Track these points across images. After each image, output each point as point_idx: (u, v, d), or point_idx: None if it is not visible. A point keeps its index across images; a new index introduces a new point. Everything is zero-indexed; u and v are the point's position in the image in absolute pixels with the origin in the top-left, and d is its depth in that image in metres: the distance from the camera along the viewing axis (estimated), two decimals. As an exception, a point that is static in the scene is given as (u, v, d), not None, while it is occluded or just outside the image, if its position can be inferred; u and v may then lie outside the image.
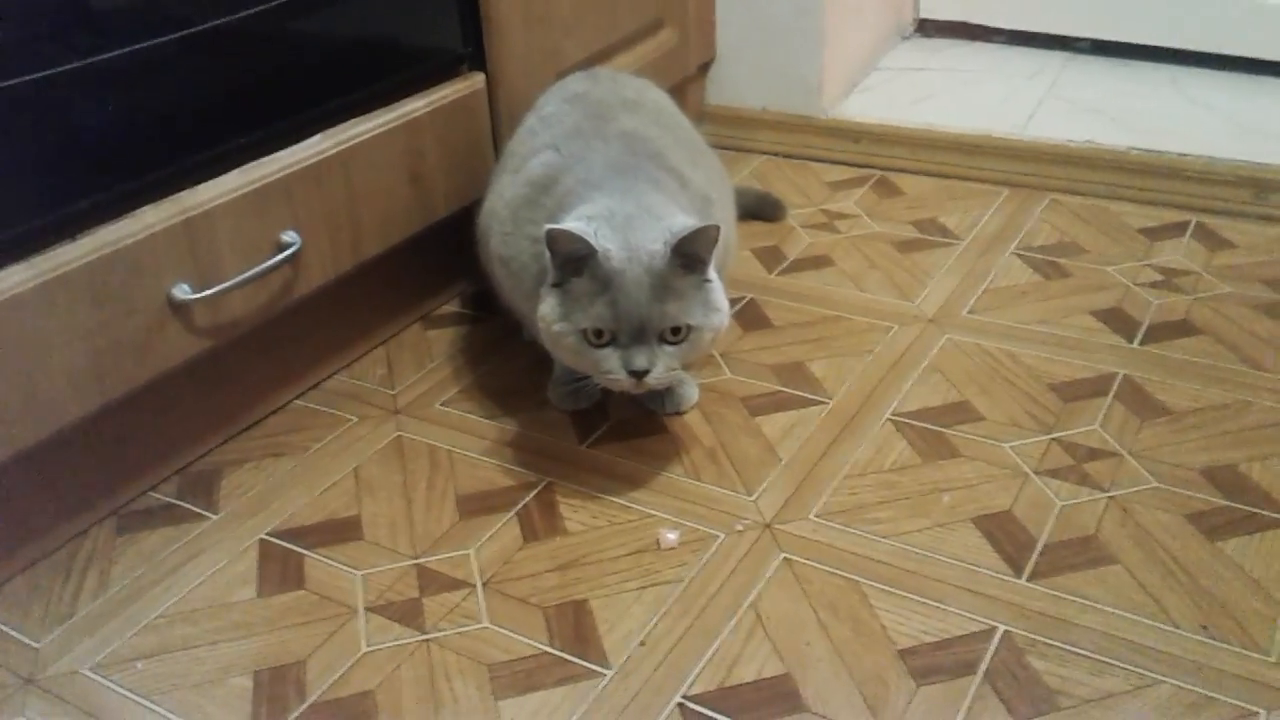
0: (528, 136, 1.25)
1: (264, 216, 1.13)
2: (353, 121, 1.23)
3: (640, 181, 1.12)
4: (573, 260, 1.03)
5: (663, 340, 1.04)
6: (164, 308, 1.05)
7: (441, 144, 1.32)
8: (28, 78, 0.93)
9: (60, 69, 0.95)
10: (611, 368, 1.04)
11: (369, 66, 1.25)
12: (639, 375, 1.03)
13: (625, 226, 1.05)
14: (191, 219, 1.06)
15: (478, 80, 1.37)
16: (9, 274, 0.94)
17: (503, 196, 1.21)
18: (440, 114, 1.32)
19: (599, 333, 1.03)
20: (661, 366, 1.04)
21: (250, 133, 1.13)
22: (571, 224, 1.04)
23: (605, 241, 1.03)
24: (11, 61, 0.92)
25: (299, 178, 1.16)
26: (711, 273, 1.07)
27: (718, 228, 1.03)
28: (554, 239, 1.02)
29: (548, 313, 1.06)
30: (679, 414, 1.24)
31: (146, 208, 1.04)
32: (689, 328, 1.04)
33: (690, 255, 1.03)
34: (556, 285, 1.05)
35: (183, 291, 1.06)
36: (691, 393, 1.25)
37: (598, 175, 1.13)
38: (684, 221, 1.05)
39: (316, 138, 1.19)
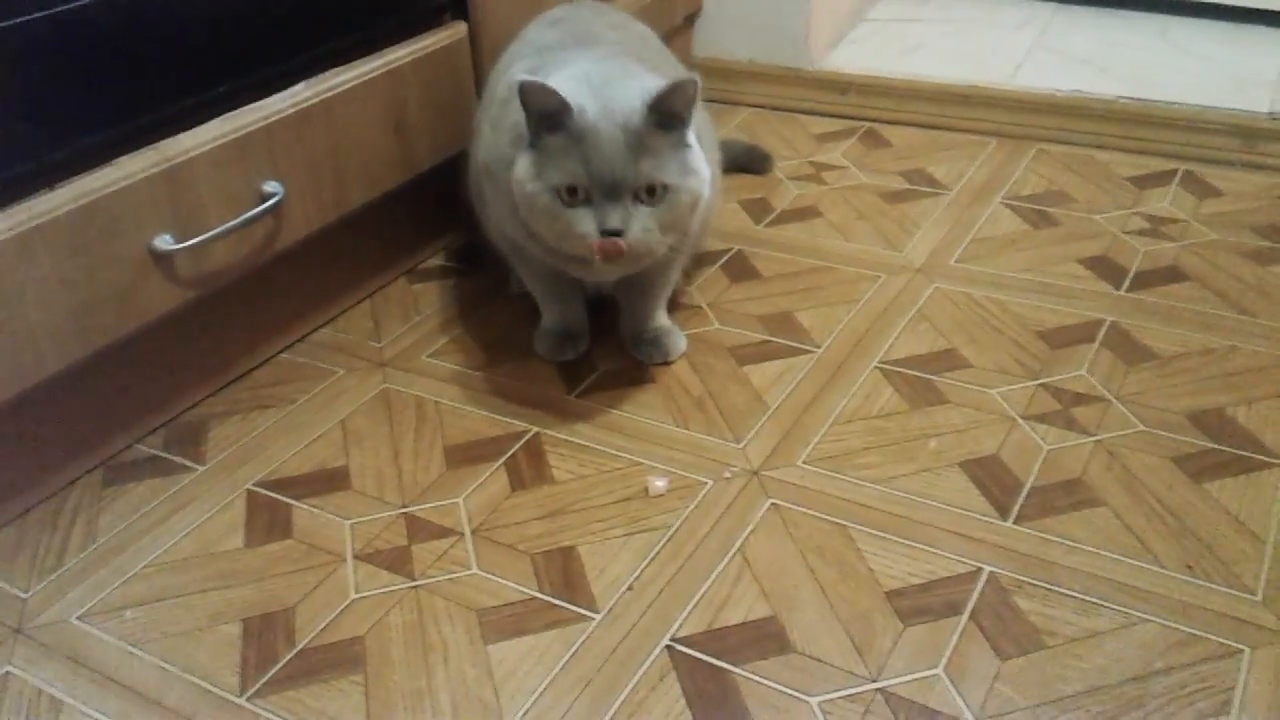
0: (507, 64, 1.23)
1: (246, 166, 1.12)
2: (335, 70, 1.21)
3: (621, 57, 1.11)
4: (547, 118, 1.01)
5: (638, 200, 1.02)
6: (145, 258, 1.04)
7: (424, 94, 1.31)
8: (3, 24, 0.92)
9: (36, 14, 0.94)
10: (585, 229, 1.01)
11: (351, 14, 1.24)
12: (613, 235, 1.01)
13: (603, 85, 1.03)
14: (173, 168, 1.05)
15: (460, 29, 1.36)
16: (-13, 223, 0.93)
17: (485, 120, 1.19)
18: (423, 63, 1.30)
19: (572, 190, 1.01)
20: (637, 227, 1.01)
21: (231, 81, 1.12)
22: (545, 79, 1.01)
23: (580, 98, 1.01)
24: (-14, 7, 0.90)
25: (281, 126, 1.15)
26: (691, 137, 1.05)
27: (695, 82, 1.01)
28: (526, 92, 1.00)
29: (521, 173, 1.03)
30: (667, 364, 1.23)
31: (126, 157, 1.03)
32: (665, 186, 1.02)
33: (668, 113, 1.02)
34: (532, 146, 1.03)
35: (164, 242, 1.05)
36: (679, 342, 1.25)
37: (577, 56, 1.11)
38: (662, 81, 1.03)
39: (299, 86, 1.17)
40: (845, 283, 1.37)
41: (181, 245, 1.06)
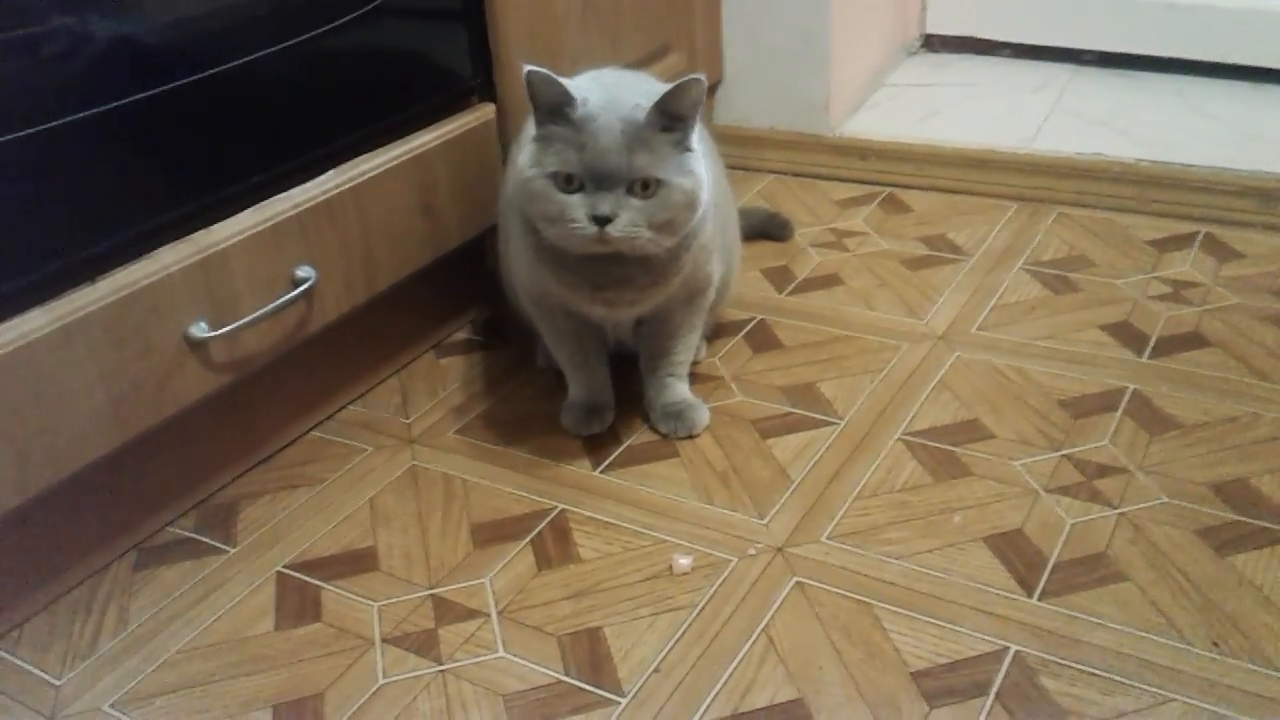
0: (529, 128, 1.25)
1: (279, 253, 1.15)
2: (365, 156, 1.24)
3: (640, 71, 1.16)
4: (552, 109, 1.05)
5: (631, 193, 1.04)
6: (181, 346, 1.07)
7: (453, 175, 1.34)
8: (46, 125, 0.95)
9: (76, 115, 0.97)
10: (576, 215, 1.04)
11: (380, 102, 1.27)
12: (602, 223, 1.03)
13: (614, 85, 1.08)
14: (208, 258, 1.08)
15: (488, 111, 1.39)
16: (29, 319, 0.95)
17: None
18: (451, 146, 1.33)
19: (568, 178, 1.04)
20: (626, 218, 1.04)
21: (264, 171, 1.15)
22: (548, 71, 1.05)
23: (586, 93, 1.05)
24: (30, 109, 0.94)
25: (312, 214, 1.17)
26: (694, 141, 1.08)
27: (700, 82, 1.04)
28: (531, 82, 1.04)
29: (523, 161, 1.07)
30: (691, 437, 1.25)
31: (163, 248, 1.06)
32: (658, 182, 1.04)
33: (672, 114, 1.05)
34: (536, 139, 1.07)
35: (200, 329, 1.07)
36: (703, 416, 1.26)
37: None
38: (670, 86, 1.06)
39: (329, 174, 1.20)
40: (868, 352, 1.38)
41: (217, 333, 1.08)
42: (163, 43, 1.05)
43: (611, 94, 1.06)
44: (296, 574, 1.10)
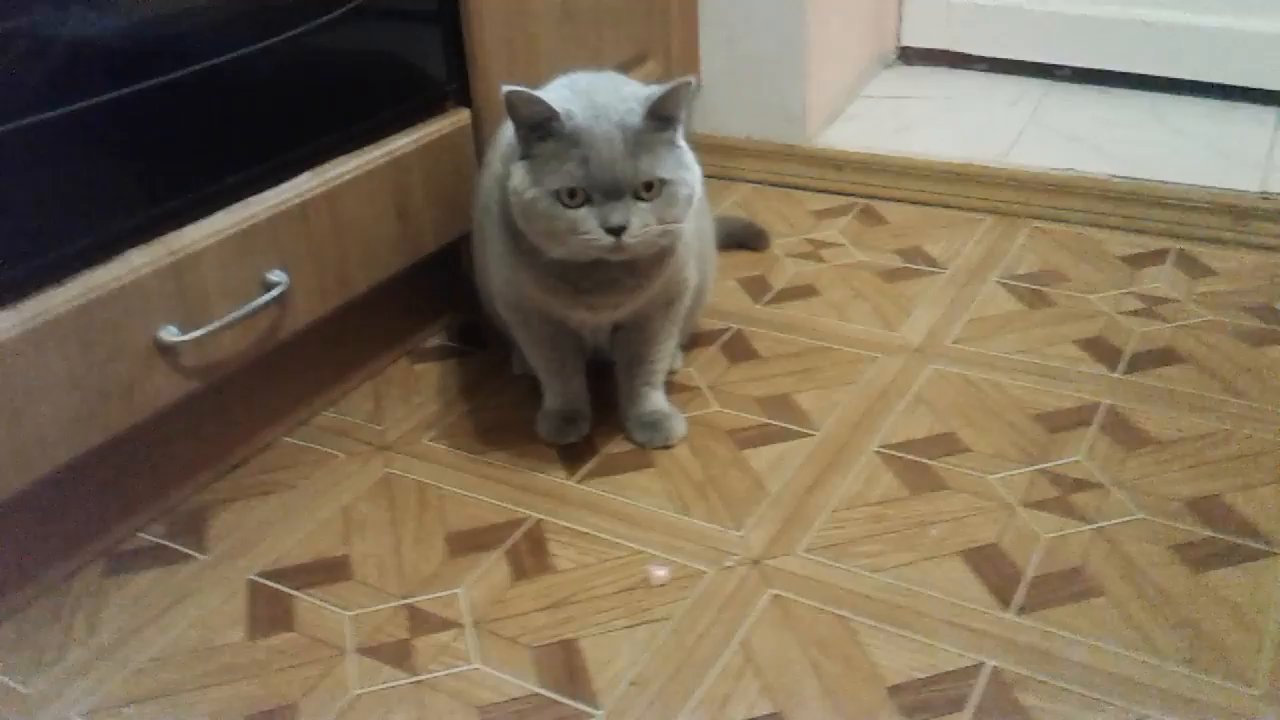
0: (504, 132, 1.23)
1: (251, 256, 1.13)
2: (339, 160, 1.23)
3: (606, 70, 1.15)
4: (536, 126, 1.04)
5: (637, 197, 1.05)
6: (151, 350, 1.05)
7: (428, 180, 1.33)
8: (13, 124, 0.93)
9: (45, 115, 0.95)
10: (589, 228, 1.03)
11: (355, 105, 1.26)
12: (617, 232, 1.03)
13: (589, 91, 1.07)
14: (179, 260, 1.06)
15: (463, 116, 1.38)
16: (-4, 320, 0.94)
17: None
18: (426, 150, 1.32)
19: (572, 192, 1.04)
20: (638, 223, 1.04)
21: (237, 173, 1.13)
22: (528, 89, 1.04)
23: (567, 104, 1.04)
24: (-1, 108, 0.92)
25: (286, 217, 1.16)
26: (680, 138, 1.08)
27: (691, 84, 1.04)
28: (512, 103, 1.03)
29: (517, 183, 1.06)
30: (667, 448, 1.24)
31: (134, 250, 1.04)
32: (662, 182, 1.05)
33: (664, 115, 1.05)
34: (524, 158, 1.06)
35: (170, 333, 1.06)
36: (679, 426, 1.26)
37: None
38: (655, 87, 1.07)
39: (303, 176, 1.19)
40: (844, 363, 1.38)
41: (187, 336, 1.07)
42: (135, 41, 1.03)
43: (591, 100, 1.06)
44: (268, 582, 1.08)
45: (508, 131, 1.16)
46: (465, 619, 1.03)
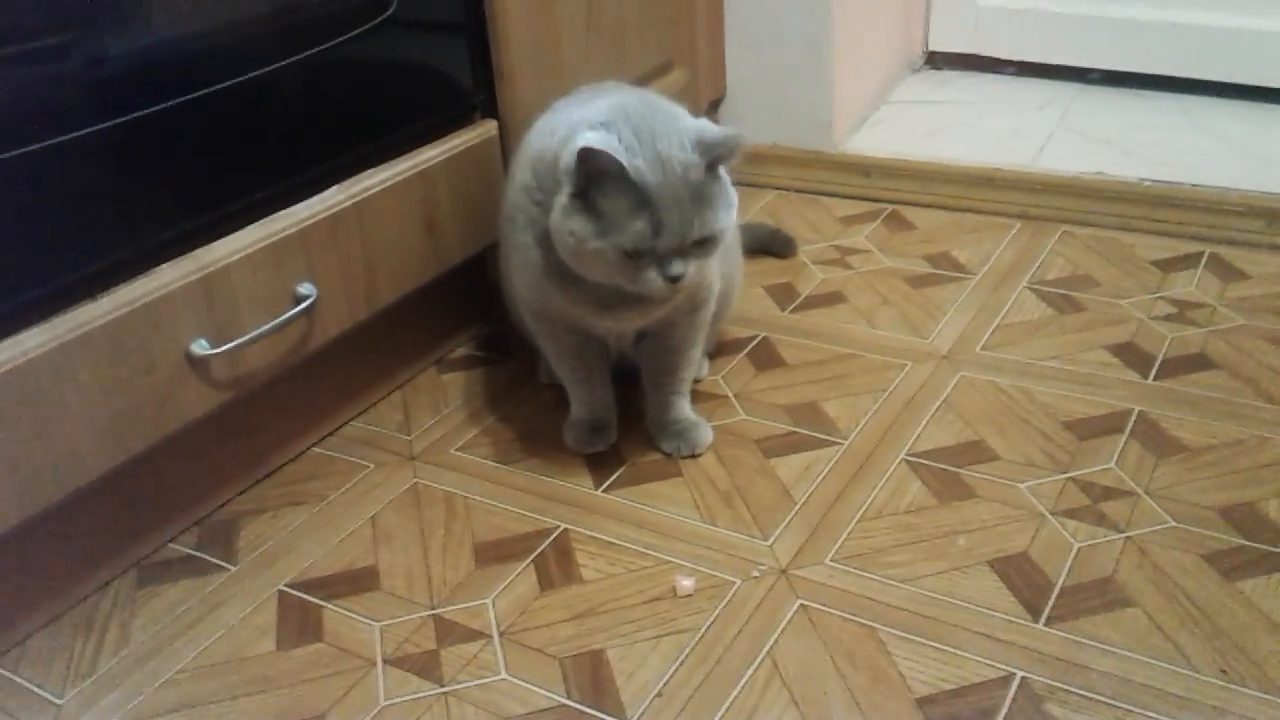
0: (529, 140, 1.22)
1: (280, 270, 1.14)
2: (368, 173, 1.24)
3: (643, 92, 1.16)
4: (600, 174, 1.02)
5: (696, 246, 1.06)
6: (182, 363, 1.06)
7: (455, 192, 1.34)
8: (47, 142, 0.94)
9: (78, 132, 0.96)
10: (650, 279, 1.05)
11: (383, 118, 1.27)
12: (675, 280, 1.05)
13: (642, 128, 1.04)
14: (209, 275, 1.07)
15: (490, 127, 1.38)
16: (30, 336, 0.95)
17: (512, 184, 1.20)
18: (454, 162, 1.33)
19: (638, 250, 1.04)
20: (694, 269, 1.06)
21: (266, 187, 1.14)
22: (595, 138, 1.02)
23: (634, 157, 1.02)
24: (31, 125, 0.93)
25: (314, 230, 1.17)
26: (723, 171, 1.09)
27: (742, 139, 1.05)
28: (585, 159, 1.01)
29: (579, 229, 1.04)
30: (694, 457, 1.24)
31: (165, 265, 1.05)
32: (720, 233, 1.07)
33: (717, 163, 1.06)
34: (576, 195, 1.04)
35: (201, 347, 1.07)
36: (705, 435, 1.25)
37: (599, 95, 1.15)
38: (702, 124, 1.07)
39: (332, 190, 1.20)
40: (871, 371, 1.38)
41: (218, 350, 1.08)
42: (167, 58, 1.05)
43: (653, 147, 1.03)
44: (298, 593, 1.09)
45: (533, 143, 1.17)
46: (493, 629, 1.03)
